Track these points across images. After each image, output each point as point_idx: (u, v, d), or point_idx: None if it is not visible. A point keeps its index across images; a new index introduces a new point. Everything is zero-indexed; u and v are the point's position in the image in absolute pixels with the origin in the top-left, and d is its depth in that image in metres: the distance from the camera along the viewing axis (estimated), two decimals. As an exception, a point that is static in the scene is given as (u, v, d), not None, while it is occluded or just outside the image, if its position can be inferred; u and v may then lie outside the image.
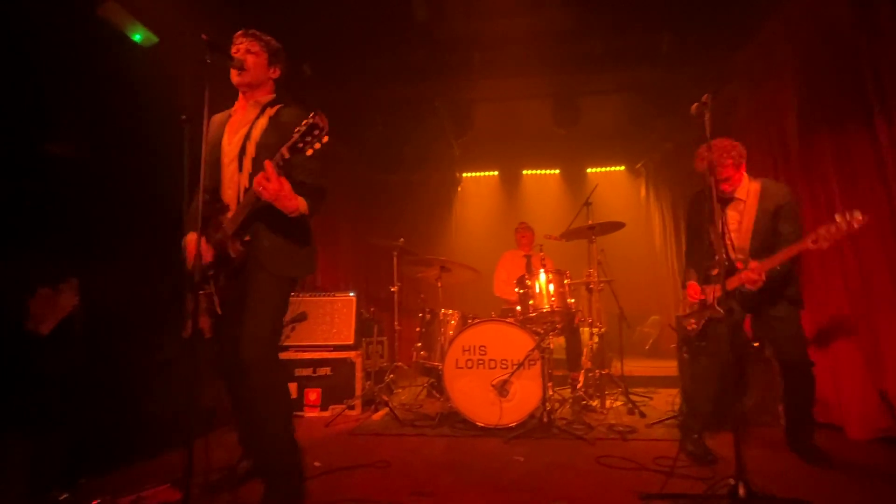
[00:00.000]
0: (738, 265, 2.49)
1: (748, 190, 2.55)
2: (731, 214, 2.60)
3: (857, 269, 2.78)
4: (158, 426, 2.72)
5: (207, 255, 1.92)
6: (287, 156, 1.72)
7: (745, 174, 2.56)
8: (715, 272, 2.54)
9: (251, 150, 1.94)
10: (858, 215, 2.10)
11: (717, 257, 2.38)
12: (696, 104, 2.07)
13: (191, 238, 2.01)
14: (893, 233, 2.58)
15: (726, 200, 2.58)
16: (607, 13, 3.80)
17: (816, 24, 3.04)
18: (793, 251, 2.29)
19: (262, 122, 2.00)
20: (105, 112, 2.99)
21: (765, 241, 2.48)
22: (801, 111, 3.17)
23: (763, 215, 2.48)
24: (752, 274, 2.36)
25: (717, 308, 2.51)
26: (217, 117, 2.12)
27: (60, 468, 2.18)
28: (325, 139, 1.69)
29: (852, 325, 2.83)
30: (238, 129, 2.04)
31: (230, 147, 2.02)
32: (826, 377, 2.97)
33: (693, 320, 2.73)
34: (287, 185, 1.76)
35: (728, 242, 2.56)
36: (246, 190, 1.91)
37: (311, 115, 1.67)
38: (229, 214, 1.96)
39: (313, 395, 3.69)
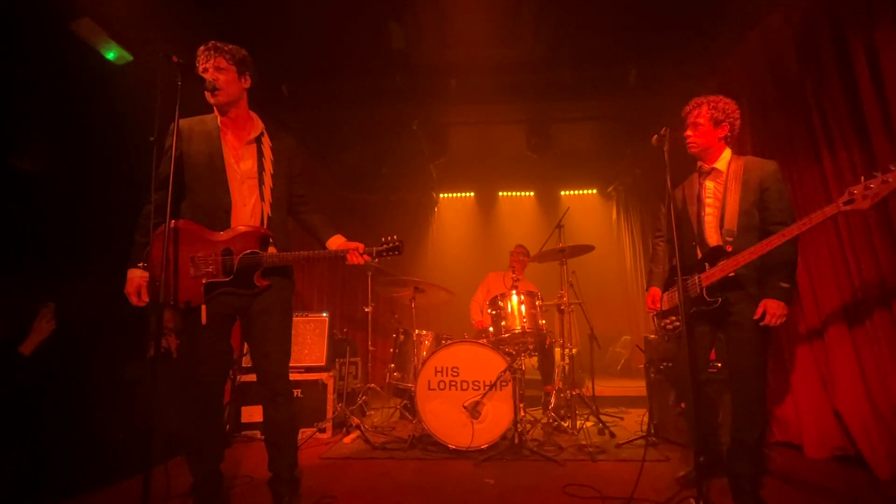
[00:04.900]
0: (728, 248, 2.17)
1: (729, 162, 2.30)
2: (715, 188, 2.31)
3: (811, 292, 2.92)
4: (119, 451, 2.62)
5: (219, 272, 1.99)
6: (374, 258, 2.13)
7: (727, 147, 2.34)
8: (674, 262, 2.23)
9: (268, 181, 2.11)
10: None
11: (693, 242, 2.24)
12: (655, 135, 2.20)
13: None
14: (843, 258, 2.73)
15: (705, 173, 2.36)
16: (577, 46, 3.99)
17: (768, 66, 3.26)
18: (817, 219, 1.87)
19: (267, 152, 2.14)
20: (75, 128, 2.94)
21: (753, 218, 2.18)
22: (755, 143, 3.37)
23: (747, 188, 2.20)
24: (777, 309, 2.07)
25: (706, 297, 2.19)
26: (197, 126, 2.07)
27: (8, 497, 2.07)
28: (398, 255, 2.15)
29: (809, 346, 2.95)
30: (243, 154, 2.10)
31: (240, 172, 2.07)
32: (786, 396, 3.09)
33: (674, 317, 2.38)
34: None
35: (714, 221, 2.27)
36: (269, 217, 2.08)
37: (397, 238, 2.13)
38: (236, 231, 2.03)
39: (283, 417, 3.61)
